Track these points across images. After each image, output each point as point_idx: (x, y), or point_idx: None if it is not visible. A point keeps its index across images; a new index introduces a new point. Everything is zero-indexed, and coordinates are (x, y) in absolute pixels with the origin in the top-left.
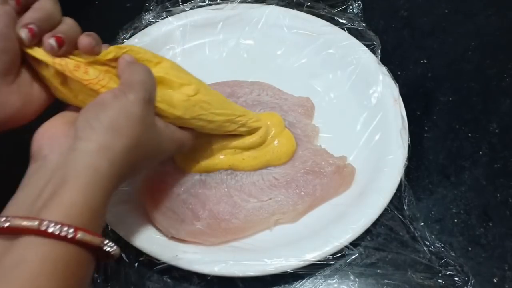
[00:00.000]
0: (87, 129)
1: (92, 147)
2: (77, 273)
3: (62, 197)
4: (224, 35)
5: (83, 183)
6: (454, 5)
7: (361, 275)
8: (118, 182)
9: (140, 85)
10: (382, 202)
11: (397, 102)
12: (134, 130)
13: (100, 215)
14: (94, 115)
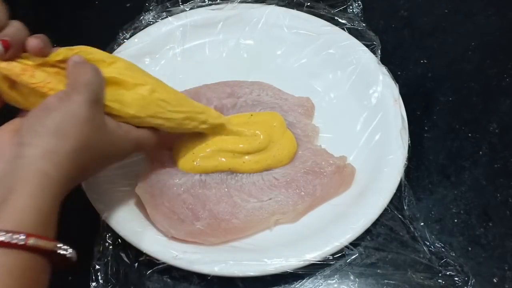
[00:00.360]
0: (31, 134)
1: (37, 152)
2: (33, 280)
3: (11, 204)
4: (224, 35)
5: (31, 188)
6: (454, 5)
7: (361, 275)
8: (68, 185)
9: (86, 86)
10: (382, 202)
11: (397, 102)
12: (81, 132)
13: (51, 220)
14: (38, 120)
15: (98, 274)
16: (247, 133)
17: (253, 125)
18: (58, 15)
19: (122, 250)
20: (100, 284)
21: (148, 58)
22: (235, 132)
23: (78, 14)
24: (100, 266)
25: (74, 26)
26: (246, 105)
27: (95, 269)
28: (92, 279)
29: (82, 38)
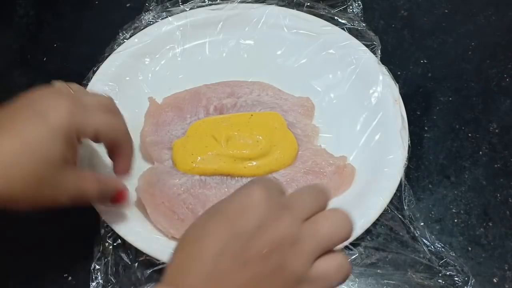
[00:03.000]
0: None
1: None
2: None
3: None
4: (224, 35)
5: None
6: (454, 5)
7: (361, 275)
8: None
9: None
10: (382, 202)
11: (397, 102)
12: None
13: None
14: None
15: (98, 274)
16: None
17: (254, 127)
18: (58, 15)
19: (122, 250)
20: (100, 284)
21: (148, 58)
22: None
23: (78, 14)
24: (100, 266)
25: (74, 26)
26: (246, 105)
27: (95, 269)
28: (92, 279)
29: (82, 38)
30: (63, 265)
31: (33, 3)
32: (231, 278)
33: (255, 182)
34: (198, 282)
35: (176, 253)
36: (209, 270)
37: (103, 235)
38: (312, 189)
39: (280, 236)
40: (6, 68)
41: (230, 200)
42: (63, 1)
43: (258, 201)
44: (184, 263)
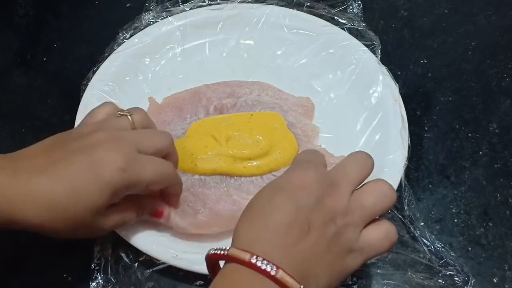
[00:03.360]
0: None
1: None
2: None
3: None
4: (224, 35)
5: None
6: (454, 5)
7: (361, 275)
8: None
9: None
10: None
11: (397, 102)
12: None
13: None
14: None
15: (98, 274)
16: (248, 140)
17: (254, 127)
18: (58, 15)
19: (122, 250)
20: (100, 284)
21: (148, 58)
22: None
23: (78, 14)
24: (100, 266)
25: (74, 26)
26: (246, 105)
27: (95, 269)
28: (92, 279)
29: (82, 38)
30: (63, 265)
31: (33, 3)
32: (299, 245)
33: (305, 162)
34: (273, 249)
35: (245, 224)
36: (282, 238)
37: (103, 235)
38: (355, 160)
39: (334, 208)
40: (6, 68)
41: (288, 178)
42: (63, 1)
43: (313, 180)
44: (258, 233)
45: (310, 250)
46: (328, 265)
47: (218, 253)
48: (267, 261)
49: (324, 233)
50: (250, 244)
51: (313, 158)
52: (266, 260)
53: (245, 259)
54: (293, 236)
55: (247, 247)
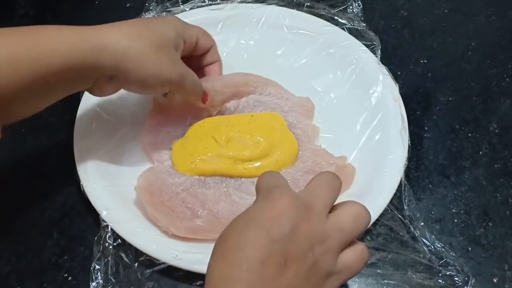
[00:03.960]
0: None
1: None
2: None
3: None
4: (224, 35)
5: None
6: (454, 5)
7: (361, 275)
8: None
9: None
10: (382, 202)
11: (397, 102)
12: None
13: None
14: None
15: (98, 274)
16: (249, 141)
17: (254, 128)
18: (58, 15)
19: (122, 250)
20: (100, 284)
21: None
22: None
23: (78, 14)
24: (100, 266)
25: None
26: (248, 106)
27: (95, 269)
28: (92, 279)
29: None
30: (63, 265)
31: (33, 3)
32: (276, 281)
33: (273, 187)
34: (247, 287)
35: (217, 261)
36: (256, 276)
37: (103, 235)
38: (325, 181)
39: (311, 235)
40: None
41: (260, 208)
42: (63, 1)
43: (286, 207)
44: (231, 271)
45: (287, 284)
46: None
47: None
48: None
49: (302, 264)
50: (222, 283)
51: (278, 181)
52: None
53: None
54: (269, 273)
55: (219, 286)
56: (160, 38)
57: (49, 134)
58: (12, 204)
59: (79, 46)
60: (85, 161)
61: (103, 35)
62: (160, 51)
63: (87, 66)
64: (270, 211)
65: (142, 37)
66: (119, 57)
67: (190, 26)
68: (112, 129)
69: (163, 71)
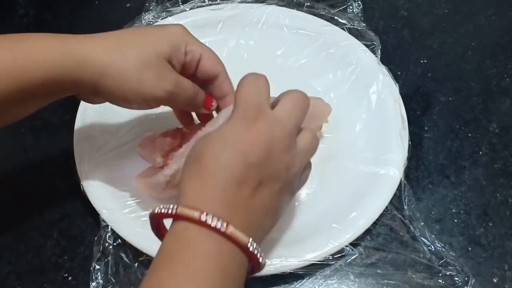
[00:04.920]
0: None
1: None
2: (232, 269)
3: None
4: (224, 35)
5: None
6: (454, 5)
7: (361, 275)
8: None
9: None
10: (382, 202)
11: (397, 102)
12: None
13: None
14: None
15: (98, 274)
16: None
17: None
18: (58, 15)
19: (122, 250)
20: (100, 284)
21: None
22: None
23: (78, 14)
24: (100, 266)
25: (74, 26)
26: None
27: (95, 269)
28: (92, 279)
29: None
30: (63, 265)
31: (33, 3)
32: (249, 200)
33: (252, 106)
34: (223, 206)
35: (192, 181)
36: (231, 196)
37: (103, 235)
38: (297, 101)
39: (285, 158)
40: None
41: (237, 131)
42: (63, 1)
43: (263, 132)
44: (207, 192)
45: (260, 203)
46: (274, 212)
47: (165, 212)
48: (217, 218)
49: (275, 185)
50: (198, 202)
51: (259, 97)
52: (216, 217)
53: (194, 217)
54: (244, 193)
55: (195, 204)
56: (147, 53)
57: (49, 134)
58: (12, 204)
59: (59, 61)
60: (85, 161)
61: (84, 49)
62: (145, 68)
63: (68, 81)
64: (247, 135)
65: (126, 51)
66: (98, 74)
67: (195, 40)
68: (112, 129)
69: (146, 89)
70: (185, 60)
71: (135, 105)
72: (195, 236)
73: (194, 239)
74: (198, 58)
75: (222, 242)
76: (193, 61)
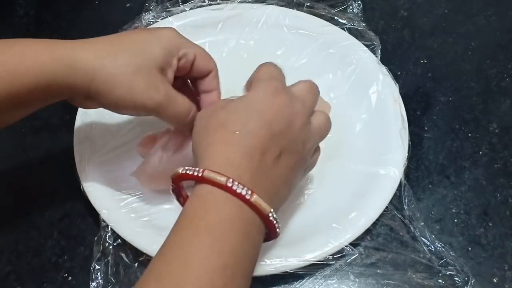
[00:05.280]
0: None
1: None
2: (252, 238)
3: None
4: (224, 35)
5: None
6: (454, 5)
7: (361, 275)
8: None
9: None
10: (382, 202)
11: (397, 102)
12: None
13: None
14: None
15: (98, 274)
16: None
17: None
18: (58, 15)
19: (122, 250)
20: (100, 284)
21: None
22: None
23: (78, 14)
24: (100, 266)
25: (74, 26)
26: None
27: (95, 269)
28: (92, 279)
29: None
30: (63, 265)
31: (33, 3)
32: (271, 170)
33: (274, 81)
34: (248, 174)
35: (219, 144)
36: (256, 164)
37: (103, 235)
38: (307, 86)
39: (302, 133)
40: None
41: (262, 101)
42: (63, 1)
43: (285, 104)
44: (233, 157)
45: (279, 174)
46: (290, 184)
47: (191, 173)
48: (242, 185)
49: (292, 157)
50: (224, 167)
51: (276, 75)
52: (241, 184)
53: (221, 182)
54: (266, 162)
55: (221, 170)
56: (139, 60)
57: (49, 134)
58: (12, 204)
59: (51, 66)
60: (85, 161)
61: (75, 54)
62: (136, 74)
63: (59, 86)
64: (271, 105)
65: (118, 56)
66: (89, 79)
67: (187, 42)
68: (112, 129)
69: (137, 97)
70: (179, 65)
71: (126, 112)
72: (221, 201)
73: (219, 203)
74: (192, 59)
75: (245, 209)
76: (188, 63)
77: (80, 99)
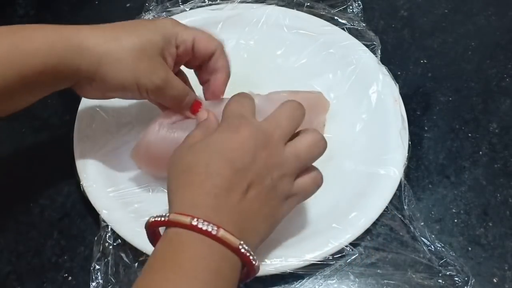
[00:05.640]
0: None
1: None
2: (227, 276)
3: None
4: (224, 35)
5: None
6: (454, 5)
7: (361, 275)
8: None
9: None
10: (382, 202)
11: (397, 102)
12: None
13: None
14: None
15: (98, 274)
16: None
17: None
18: (58, 15)
19: (122, 250)
20: (100, 284)
21: None
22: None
23: (78, 14)
24: (100, 266)
25: None
26: None
27: (95, 269)
28: (92, 279)
29: None
30: (63, 265)
31: (33, 3)
32: (239, 205)
33: (236, 118)
34: (214, 211)
35: (182, 189)
36: (222, 202)
37: (103, 235)
38: (287, 111)
39: (270, 162)
40: None
41: (222, 140)
42: (63, 1)
43: (246, 138)
44: (198, 199)
45: (249, 207)
46: (266, 217)
47: (159, 220)
48: (208, 222)
49: (261, 189)
50: (190, 209)
51: (243, 109)
52: (207, 221)
53: (186, 222)
54: (234, 199)
55: (186, 211)
56: (144, 44)
57: (49, 134)
58: (12, 204)
59: (57, 47)
60: (85, 161)
61: (82, 37)
62: (140, 58)
63: (65, 67)
64: (231, 142)
65: (123, 41)
66: (96, 60)
67: (185, 29)
68: (112, 129)
69: (140, 79)
70: (178, 52)
71: (130, 94)
72: (187, 240)
73: (186, 243)
74: (192, 45)
75: (215, 245)
76: (188, 49)
77: (84, 83)
